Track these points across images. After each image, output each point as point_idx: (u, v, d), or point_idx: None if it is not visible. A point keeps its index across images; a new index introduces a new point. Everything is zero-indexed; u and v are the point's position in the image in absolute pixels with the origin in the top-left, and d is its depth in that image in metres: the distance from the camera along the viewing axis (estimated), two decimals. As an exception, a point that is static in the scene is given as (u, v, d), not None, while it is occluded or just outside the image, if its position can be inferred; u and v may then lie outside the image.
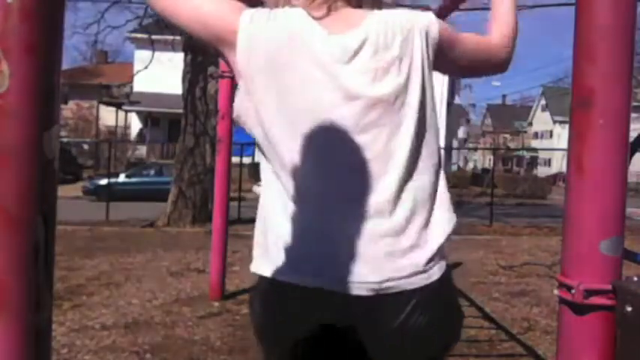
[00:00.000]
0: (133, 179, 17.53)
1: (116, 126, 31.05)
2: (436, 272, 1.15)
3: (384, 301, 1.11)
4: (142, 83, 24.35)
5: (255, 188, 18.45)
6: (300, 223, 1.14)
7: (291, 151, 1.13)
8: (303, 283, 1.12)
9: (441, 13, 2.39)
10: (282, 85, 1.13)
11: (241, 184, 12.89)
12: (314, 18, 1.15)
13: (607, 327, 1.14)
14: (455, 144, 30.51)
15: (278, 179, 1.17)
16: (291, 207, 1.15)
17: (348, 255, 1.11)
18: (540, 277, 6.72)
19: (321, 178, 1.13)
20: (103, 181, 15.75)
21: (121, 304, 5.01)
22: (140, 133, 28.32)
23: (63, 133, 29.77)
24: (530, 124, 51.32)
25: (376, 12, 1.19)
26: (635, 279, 1.13)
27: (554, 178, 31.21)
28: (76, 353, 3.81)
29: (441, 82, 26.70)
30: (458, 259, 7.75)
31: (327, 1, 1.18)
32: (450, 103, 28.37)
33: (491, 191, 14.85)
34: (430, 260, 1.14)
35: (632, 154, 1.32)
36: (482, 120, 55.63)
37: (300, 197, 1.14)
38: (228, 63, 1.20)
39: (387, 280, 1.11)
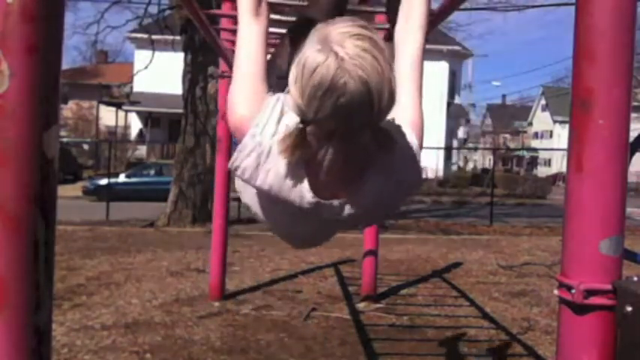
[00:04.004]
0: (133, 179, 17.50)
1: (116, 126, 31.03)
2: None
3: None
4: (142, 83, 24.34)
5: None
6: None
7: None
8: None
9: (441, 13, 2.38)
10: None
11: (241, 184, 12.87)
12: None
13: (607, 327, 1.14)
14: (455, 144, 30.47)
15: None
16: None
17: None
18: (540, 277, 6.72)
19: None
20: (103, 181, 15.74)
21: (121, 304, 5.00)
22: (140, 133, 28.30)
23: (63, 133, 29.77)
24: (530, 124, 51.24)
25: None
26: (635, 279, 1.13)
27: (554, 178, 31.17)
28: (76, 353, 3.81)
29: (440, 82, 26.72)
30: (458, 259, 7.75)
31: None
32: (449, 103, 28.33)
33: (491, 191, 14.85)
34: None
35: (632, 154, 1.32)
36: (482, 120, 55.53)
37: None
38: None
39: None
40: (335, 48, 1.02)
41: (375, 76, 1.02)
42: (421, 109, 1.37)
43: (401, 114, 1.28)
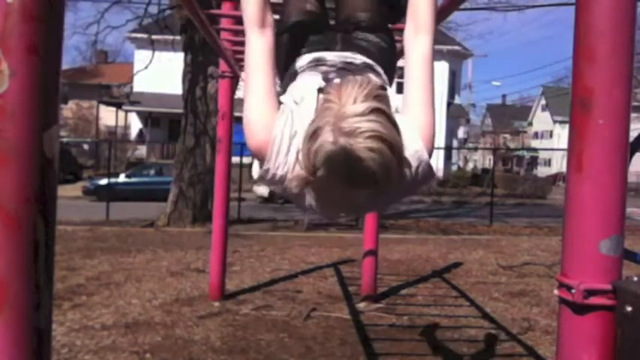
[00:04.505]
0: (133, 179, 17.49)
1: (116, 126, 31.03)
2: None
3: None
4: (142, 83, 24.33)
5: (256, 188, 18.44)
6: None
7: None
8: None
9: (441, 13, 2.38)
10: None
11: (241, 184, 12.89)
12: None
13: (607, 327, 1.14)
14: (455, 144, 30.45)
15: None
16: None
17: None
18: (540, 277, 6.71)
19: None
20: (103, 181, 15.75)
21: (121, 304, 5.01)
22: (140, 133, 28.28)
23: (63, 133, 29.75)
24: (530, 124, 51.18)
25: None
26: (635, 279, 1.13)
27: (554, 178, 31.17)
28: (76, 353, 3.81)
29: (441, 82, 26.73)
30: (458, 259, 7.75)
31: None
32: (450, 103, 28.33)
33: (491, 191, 14.85)
34: None
35: (632, 154, 1.32)
36: (482, 120, 55.46)
37: None
38: None
39: None
40: (346, 145, 1.13)
41: (381, 170, 1.16)
42: (432, 114, 1.41)
43: (412, 121, 1.37)
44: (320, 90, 1.39)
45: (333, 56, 1.63)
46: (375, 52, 1.69)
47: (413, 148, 1.32)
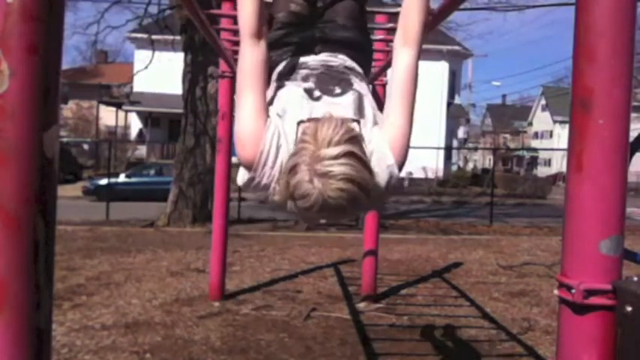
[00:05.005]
0: (133, 179, 17.49)
1: (116, 126, 31.04)
2: None
3: None
4: (142, 83, 24.33)
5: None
6: None
7: None
8: None
9: (441, 13, 2.38)
10: None
11: (241, 184, 12.86)
12: None
13: (607, 327, 1.14)
14: (455, 144, 30.43)
15: None
16: None
17: None
18: (540, 277, 6.71)
19: None
20: (103, 181, 15.75)
21: (121, 304, 5.01)
22: (140, 133, 28.27)
23: (63, 133, 29.75)
24: (530, 124, 51.17)
25: None
26: (635, 279, 1.13)
27: (554, 178, 31.17)
28: (76, 353, 3.81)
29: (440, 82, 26.72)
30: (458, 259, 7.75)
31: None
32: (450, 103, 28.29)
33: (491, 191, 14.85)
34: None
35: (632, 154, 1.32)
36: (482, 120, 55.43)
37: None
38: None
39: None
40: (320, 187, 1.25)
41: (350, 204, 1.28)
42: (408, 125, 1.49)
43: (387, 133, 1.47)
44: (300, 122, 1.44)
45: (314, 61, 1.67)
46: (352, 52, 1.74)
47: (385, 164, 1.44)
